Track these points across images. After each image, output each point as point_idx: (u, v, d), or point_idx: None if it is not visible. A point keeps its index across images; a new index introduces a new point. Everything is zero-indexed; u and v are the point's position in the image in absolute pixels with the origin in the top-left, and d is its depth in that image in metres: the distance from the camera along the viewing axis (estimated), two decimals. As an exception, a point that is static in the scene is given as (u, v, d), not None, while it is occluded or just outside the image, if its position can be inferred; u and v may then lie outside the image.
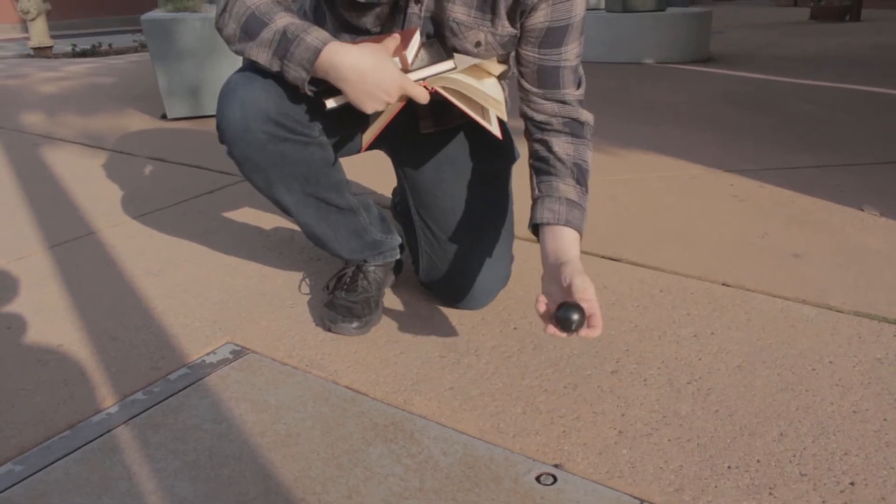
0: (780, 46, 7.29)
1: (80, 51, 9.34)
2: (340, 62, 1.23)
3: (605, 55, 5.99)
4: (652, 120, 3.74)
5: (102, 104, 4.79)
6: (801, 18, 11.27)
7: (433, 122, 1.60)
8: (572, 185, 1.37)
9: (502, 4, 1.32)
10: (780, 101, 4.19)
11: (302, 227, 1.53)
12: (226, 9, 1.32)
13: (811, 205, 2.35)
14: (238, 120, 1.34)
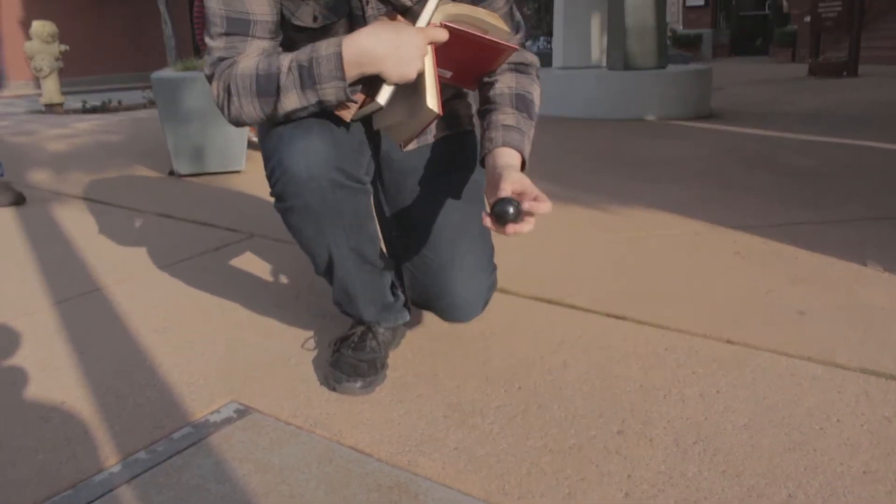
0: (780, 102, 7.39)
1: (90, 107, 9.50)
2: (365, 46, 1.25)
3: (606, 112, 6.07)
4: (653, 176, 3.77)
5: (110, 161, 4.85)
6: (799, 74, 11.44)
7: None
8: (511, 113, 1.42)
9: None
10: (781, 157, 4.23)
11: (336, 281, 1.54)
12: (229, 97, 1.33)
13: (815, 261, 2.36)
14: (303, 169, 1.35)
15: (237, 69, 1.32)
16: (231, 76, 1.32)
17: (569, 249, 2.58)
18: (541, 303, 2.06)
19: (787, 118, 6.02)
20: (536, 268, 2.38)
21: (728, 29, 18.29)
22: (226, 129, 4.05)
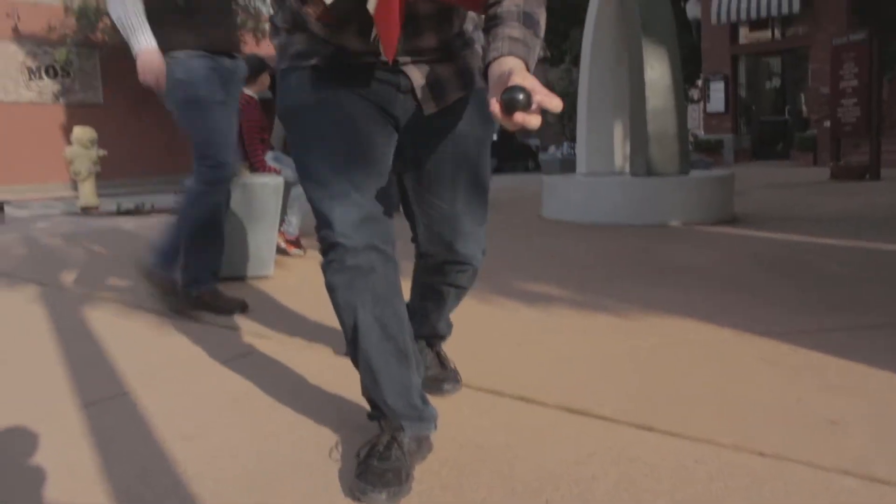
0: (803, 206, 7.42)
1: (124, 210, 9.75)
2: None
3: (630, 218, 6.13)
4: (678, 283, 3.78)
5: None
6: (821, 178, 11.51)
7: (433, 100, 1.67)
8: (517, 27, 1.43)
9: None
10: (805, 262, 4.22)
11: (360, 354, 1.63)
12: None
13: (845, 368, 2.33)
14: (344, 234, 1.55)
15: None
16: None
17: (594, 358, 2.57)
18: (567, 413, 2.04)
19: (811, 222, 6.04)
20: (562, 377, 2.36)
21: (749, 134, 18.57)
22: (255, 234, 4.14)
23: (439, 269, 1.89)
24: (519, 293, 3.56)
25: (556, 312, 3.20)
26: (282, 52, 1.68)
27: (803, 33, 16.74)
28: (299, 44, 1.64)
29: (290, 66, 1.65)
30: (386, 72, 1.62)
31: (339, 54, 1.60)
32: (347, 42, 1.57)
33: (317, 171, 1.62)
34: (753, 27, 17.59)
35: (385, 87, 1.63)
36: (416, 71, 1.63)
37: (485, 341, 2.75)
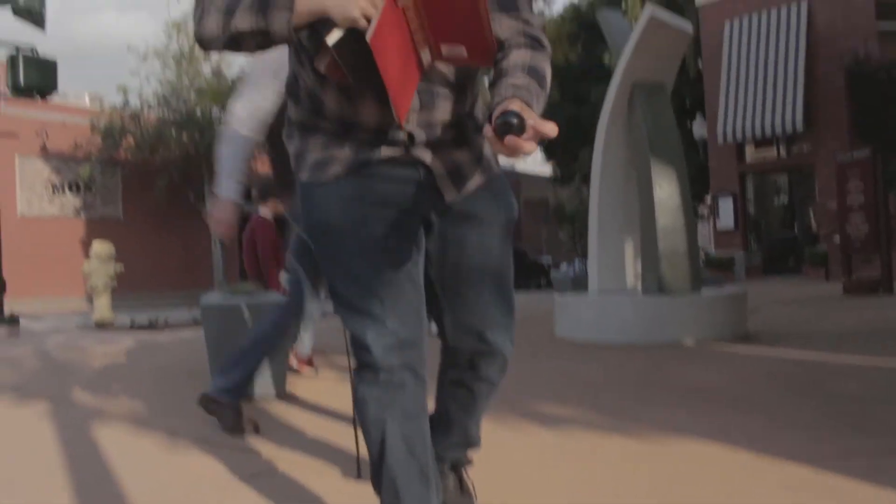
0: (817, 322, 7.38)
1: (137, 325, 9.80)
2: None
3: (642, 337, 6.09)
4: (693, 404, 3.72)
5: (153, 381, 4.94)
6: (834, 293, 11.48)
7: (454, 187, 1.68)
8: (520, 77, 1.46)
9: None
10: (822, 381, 4.16)
11: (385, 472, 1.61)
12: (202, 12, 1.46)
13: (871, 495, 2.26)
14: (376, 355, 1.59)
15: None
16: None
17: (610, 484, 2.51)
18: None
19: (826, 338, 5.99)
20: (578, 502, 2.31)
21: (759, 251, 18.69)
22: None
23: (469, 363, 1.85)
24: (534, 415, 3.52)
25: (571, 436, 3.15)
26: (299, 160, 1.68)
27: (808, 151, 17.08)
28: (315, 150, 1.65)
29: (309, 180, 1.66)
30: (406, 167, 1.63)
31: (358, 152, 1.61)
32: (364, 115, 1.58)
33: (346, 294, 1.64)
34: (759, 146, 17.97)
35: (407, 186, 1.64)
36: (434, 159, 1.65)
37: (502, 466, 2.70)
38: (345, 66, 1.42)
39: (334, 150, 1.62)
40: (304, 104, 1.66)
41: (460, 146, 1.70)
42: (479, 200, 1.73)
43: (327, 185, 1.63)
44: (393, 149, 1.62)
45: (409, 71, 1.46)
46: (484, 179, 1.73)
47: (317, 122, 1.65)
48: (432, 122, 1.63)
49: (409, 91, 1.49)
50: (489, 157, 1.76)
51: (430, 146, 1.65)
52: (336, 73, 1.45)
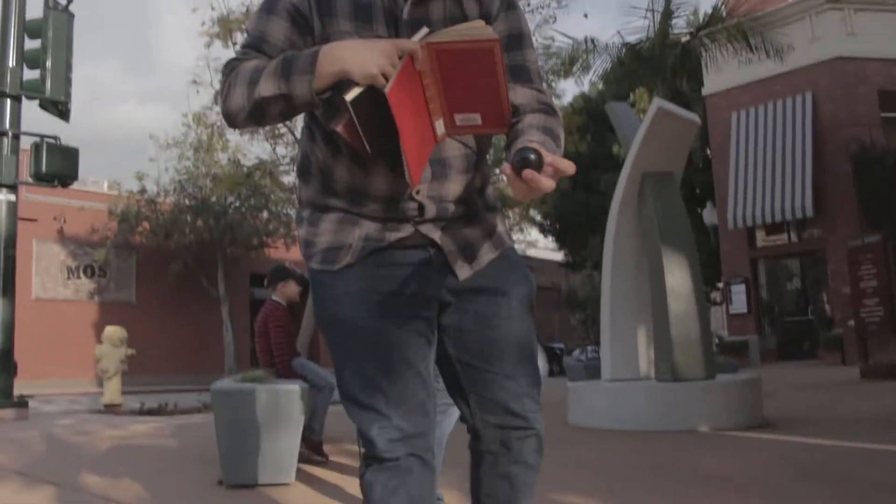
0: (835, 408, 7.26)
1: (147, 409, 9.75)
2: (338, 45, 1.44)
3: (657, 424, 6.01)
4: (709, 494, 3.65)
5: (161, 466, 4.89)
6: (851, 378, 11.31)
7: (467, 264, 1.66)
8: (535, 135, 1.46)
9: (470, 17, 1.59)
10: (841, 468, 4.08)
11: None
12: (228, 87, 1.51)
13: None
14: (381, 445, 1.57)
15: (243, 65, 1.53)
16: (235, 69, 1.53)
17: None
18: None
19: (844, 424, 5.88)
20: None
21: (774, 335, 18.52)
22: (279, 441, 4.11)
23: (501, 444, 1.71)
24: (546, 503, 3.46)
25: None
26: (308, 247, 1.68)
27: (818, 236, 17.13)
28: (324, 235, 1.65)
29: (320, 268, 1.65)
30: (417, 249, 1.63)
31: (367, 237, 1.61)
32: (375, 183, 1.59)
33: (352, 387, 1.63)
34: (770, 231, 18.05)
35: (418, 270, 1.63)
36: (444, 237, 1.64)
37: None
38: (360, 127, 1.43)
39: (344, 235, 1.63)
40: (315, 181, 1.68)
41: (471, 223, 1.69)
42: (494, 273, 1.70)
43: (337, 274, 1.63)
44: (403, 228, 1.62)
45: (424, 137, 1.48)
46: (497, 254, 1.71)
47: (327, 201, 1.66)
48: (443, 195, 1.63)
49: (423, 156, 1.49)
50: (501, 232, 1.75)
51: (440, 223, 1.65)
52: (351, 136, 1.46)
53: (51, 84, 9.60)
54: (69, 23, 9.88)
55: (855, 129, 15.94)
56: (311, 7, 1.58)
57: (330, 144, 1.62)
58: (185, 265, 20.97)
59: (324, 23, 1.58)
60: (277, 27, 1.57)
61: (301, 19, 1.58)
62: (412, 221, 1.63)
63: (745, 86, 17.54)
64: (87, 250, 21.06)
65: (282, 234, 21.94)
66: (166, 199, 20.94)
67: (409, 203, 1.60)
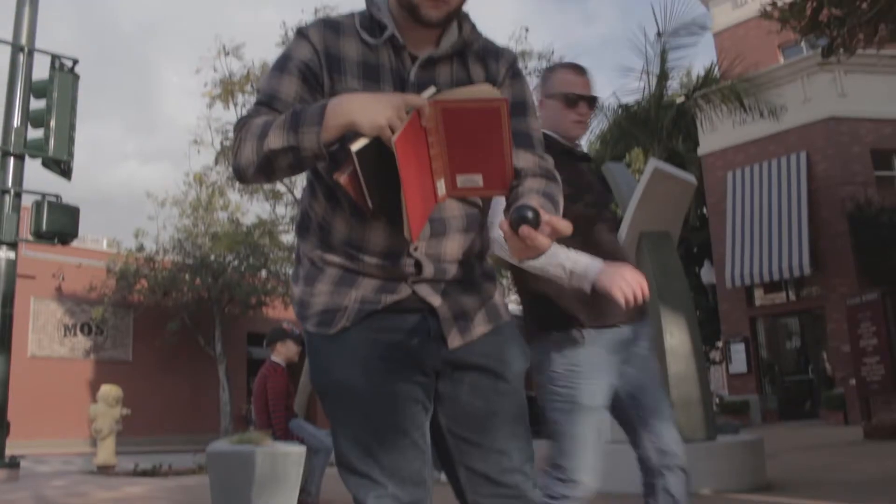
0: (839, 469, 7.16)
1: (141, 470, 9.59)
2: (347, 98, 1.45)
3: (659, 483, 5.93)
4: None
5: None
6: (854, 438, 11.19)
7: (459, 334, 1.63)
8: (535, 198, 1.46)
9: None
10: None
11: None
12: (239, 143, 1.52)
13: None
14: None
15: (253, 121, 1.54)
16: (246, 125, 1.54)
17: None
18: None
19: (849, 488, 5.79)
20: None
21: (775, 394, 18.37)
22: (274, 500, 4.05)
23: None
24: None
25: None
26: (303, 309, 1.67)
27: (817, 294, 17.14)
28: (320, 296, 1.64)
29: (316, 332, 1.64)
30: (412, 315, 1.61)
31: (363, 300, 1.60)
32: (373, 237, 1.59)
33: (347, 454, 1.60)
34: (768, 289, 18.07)
35: (412, 337, 1.61)
36: (442, 303, 1.63)
37: None
38: (363, 180, 1.44)
39: (340, 297, 1.62)
40: (313, 237, 1.68)
41: (468, 290, 1.68)
42: (488, 349, 1.67)
43: (332, 338, 1.62)
44: (399, 289, 1.61)
45: (425, 194, 1.47)
46: (492, 326, 1.69)
47: (324, 256, 1.65)
48: (441, 255, 1.63)
49: (423, 213, 1.49)
50: (498, 304, 1.74)
51: (436, 286, 1.64)
52: (354, 188, 1.46)
53: (54, 143, 9.72)
54: (74, 84, 10.05)
55: (850, 188, 16.09)
56: (321, 65, 1.61)
57: (330, 199, 1.63)
58: (182, 324, 20.91)
59: (333, 80, 1.60)
60: (288, 85, 1.60)
61: (311, 77, 1.61)
62: (409, 281, 1.62)
63: (740, 145, 17.77)
64: (84, 308, 21.01)
65: (280, 294, 21.94)
66: (165, 257, 20.99)
67: (407, 260, 1.60)
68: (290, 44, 1.67)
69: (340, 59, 1.62)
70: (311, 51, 1.62)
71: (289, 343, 5.08)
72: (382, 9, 1.66)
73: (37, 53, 10.05)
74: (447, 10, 1.59)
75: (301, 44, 1.64)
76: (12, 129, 9.75)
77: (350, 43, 1.64)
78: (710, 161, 18.71)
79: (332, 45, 1.63)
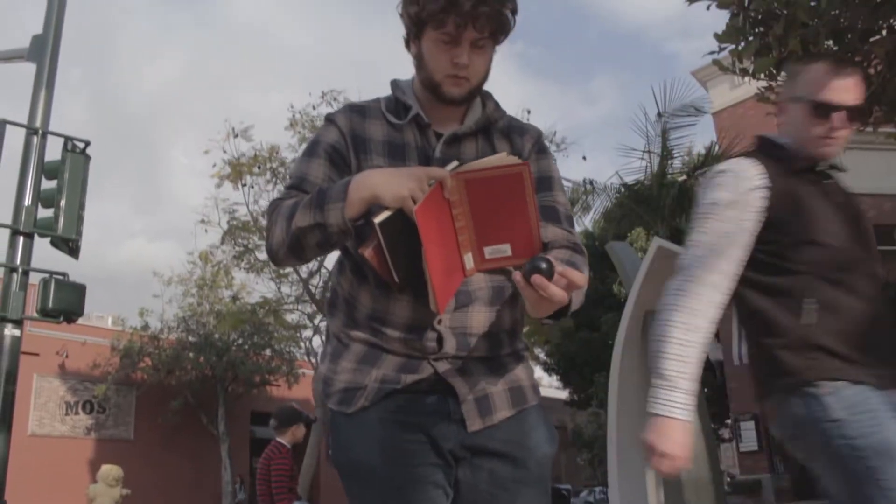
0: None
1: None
2: (369, 173, 1.49)
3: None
4: None
5: None
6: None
7: (479, 417, 1.58)
8: (553, 254, 1.48)
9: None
10: None
11: None
12: (271, 225, 1.55)
13: None
14: None
15: (283, 203, 1.58)
16: (277, 209, 1.59)
17: None
18: None
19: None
20: None
21: (787, 473, 17.98)
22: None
23: None
24: None
25: None
26: (326, 386, 1.66)
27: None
28: (343, 374, 1.62)
29: (338, 410, 1.62)
30: (432, 396, 1.58)
31: (384, 378, 1.58)
32: (398, 309, 1.58)
33: None
34: (777, 366, 17.87)
35: (435, 418, 1.58)
36: (463, 384, 1.59)
37: None
38: (387, 253, 1.44)
39: (361, 376, 1.60)
40: (340, 313, 1.68)
41: (492, 371, 1.64)
42: (511, 435, 1.63)
43: (352, 417, 1.60)
44: (421, 369, 1.59)
45: (451, 266, 1.47)
46: (516, 411, 1.64)
47: (350, 333, 1.65)
48: (466, 328, 1.61)
49: (449, 286, 1.48)
50: (525, 387, 1.69)
51: (458, 365, 1.61)
52: (379, 262, 1.46)
53: (63, 223, 9.83)
54: (85, 165, 10.23)
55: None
56: (347, 146, 1.67)
57: (357, 273, 1.64)
58: (185, 402, 20.72)
59: (359, 159, 1.66)
60: (317, 168, 1.65)
61: (339, 158, 1.66)
62: (430, 359, 1.60)
63: (743, 223, 17.83)
64: (87, 385, 20.86)
65: (284, 373, 21.80)
66: (169, 335, 20.96)
67: (430, 333, 1.59)
68: (319, 129, 1.74)
69: (366, 140, 1.67)
70: (338, 133, 1.68)
71: (300, 426, 5.04)
72: (407, 92, 1.73)
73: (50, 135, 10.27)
74: (469, 87, 1.65)
75: (328, 128, 1.71)
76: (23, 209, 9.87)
77: (375, 125, 1.70)
78: (713, 238, 18.74)
79: (358, 126, 1.69)
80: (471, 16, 1.55)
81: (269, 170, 16.22)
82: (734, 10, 5.00)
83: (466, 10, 1.55)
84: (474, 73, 1.64)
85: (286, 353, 21.48)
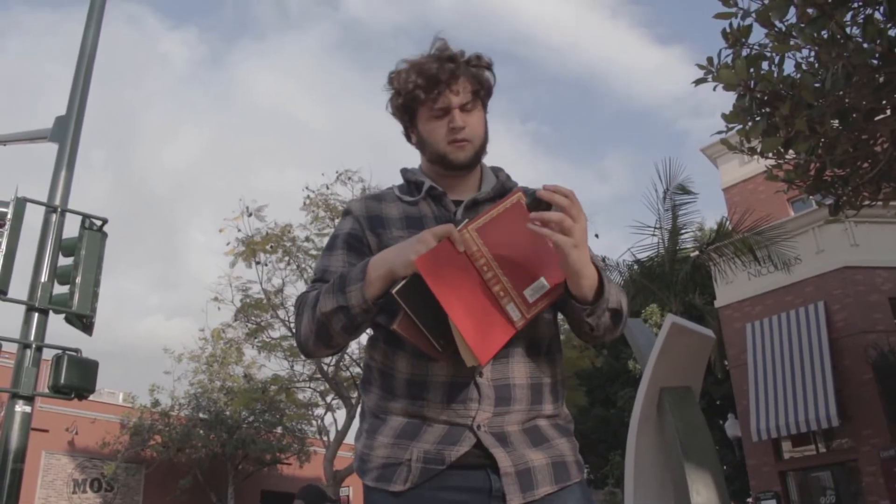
0: None
1: None
2: (383, 251, 1.55)
3: None
4: None
5: None
6: None
7: (520, 491, 1.54)
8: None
9: None
10: None
11: None
12: (298, 315, 1.58)
13: None
14: None
15: (308, 296, 1.62)
16: (303, 302, 1.63)
17: None
18: None
19: None
20: None
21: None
22: None
23: None
24: None
25: None
26: (362, 463, 1.63)
27: (848, 446, 16.53)
28: (381, 448, 1.60)
29: (375, 486, 1.59)
30: (475, 472, 1.55)
31: (425, 456, 1.55)
32: (437, 368, 1.57)
33: None
34: (796, 442, 17.46)
35: (476, 496, 1.55)
36: (505, 457, 1.56)
37: None
38: (417, 319, 1.44)
39: (400, 451, 1.58)
40: (375, 388, 1.67)
41: (535, 444, 1.62)
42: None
43: (393, 496, 1.56)
44: (462, 440, 1.56)
45: (489, 320, 1.46)
46: (558, 487, 1.60)
47: (387, 405, 1.63)
48: (508, 379, 1.60)
49: (491, 339, 1.46)
50: (569, 462, 1.66)
51: (503, 436, 1.58)
52: (410, 332, 1.46)
53: (78, 299, 9.88)
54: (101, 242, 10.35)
55: (871, 336, 15.88)
56: (363, 228, 1.73)
57: (391, 343, 1.65)
58: (194, 480, 20.42)
59: (378, 235, 1.71)
60: (337, 258, 1.71)
61: (357, 242, 1.72)
62: (473, 426, 1.57)
63: (757, 297, 17.74)
64: (95, 463, 20.63)
65: (295, 451, 21.51)
66: (180, 412, 20.80)
67: (471, 389, 1.57)
68: (338, 224, 1.81)
69: (384, 219, 1.74)
70: (353, 220, 1.76)
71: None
72: (417, 173, 1.81)
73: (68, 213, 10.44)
74: (472, 149, 1.74)
75: (345, 220, 1.78)
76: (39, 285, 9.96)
77: (392, 206, 1.77)
78: (727, 313, 18.62)
79: (374, 209, 1.76)
80: (447, 83, 1.69)
81: (281, 248, 16.34)
82: (741, 91, 5.08)
83: (444, 80, 1.68)
84: (472, 133, 1.73)
85: (297, 430, 21.22)
